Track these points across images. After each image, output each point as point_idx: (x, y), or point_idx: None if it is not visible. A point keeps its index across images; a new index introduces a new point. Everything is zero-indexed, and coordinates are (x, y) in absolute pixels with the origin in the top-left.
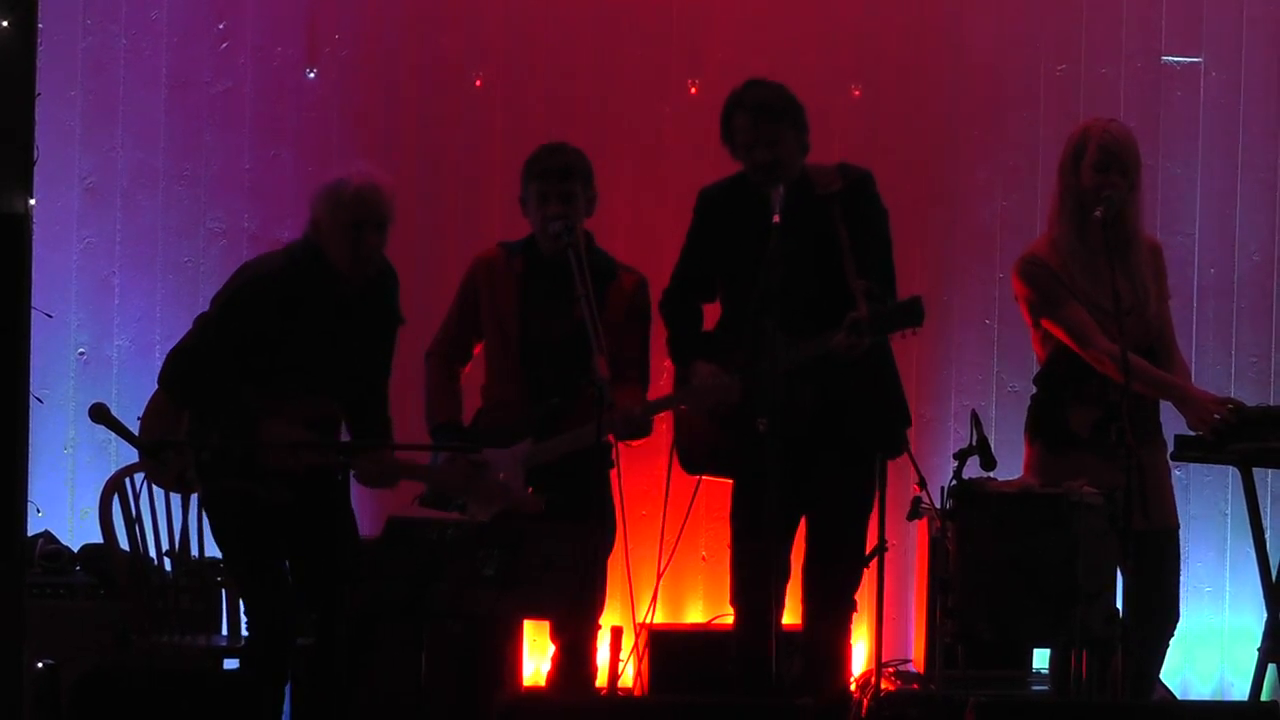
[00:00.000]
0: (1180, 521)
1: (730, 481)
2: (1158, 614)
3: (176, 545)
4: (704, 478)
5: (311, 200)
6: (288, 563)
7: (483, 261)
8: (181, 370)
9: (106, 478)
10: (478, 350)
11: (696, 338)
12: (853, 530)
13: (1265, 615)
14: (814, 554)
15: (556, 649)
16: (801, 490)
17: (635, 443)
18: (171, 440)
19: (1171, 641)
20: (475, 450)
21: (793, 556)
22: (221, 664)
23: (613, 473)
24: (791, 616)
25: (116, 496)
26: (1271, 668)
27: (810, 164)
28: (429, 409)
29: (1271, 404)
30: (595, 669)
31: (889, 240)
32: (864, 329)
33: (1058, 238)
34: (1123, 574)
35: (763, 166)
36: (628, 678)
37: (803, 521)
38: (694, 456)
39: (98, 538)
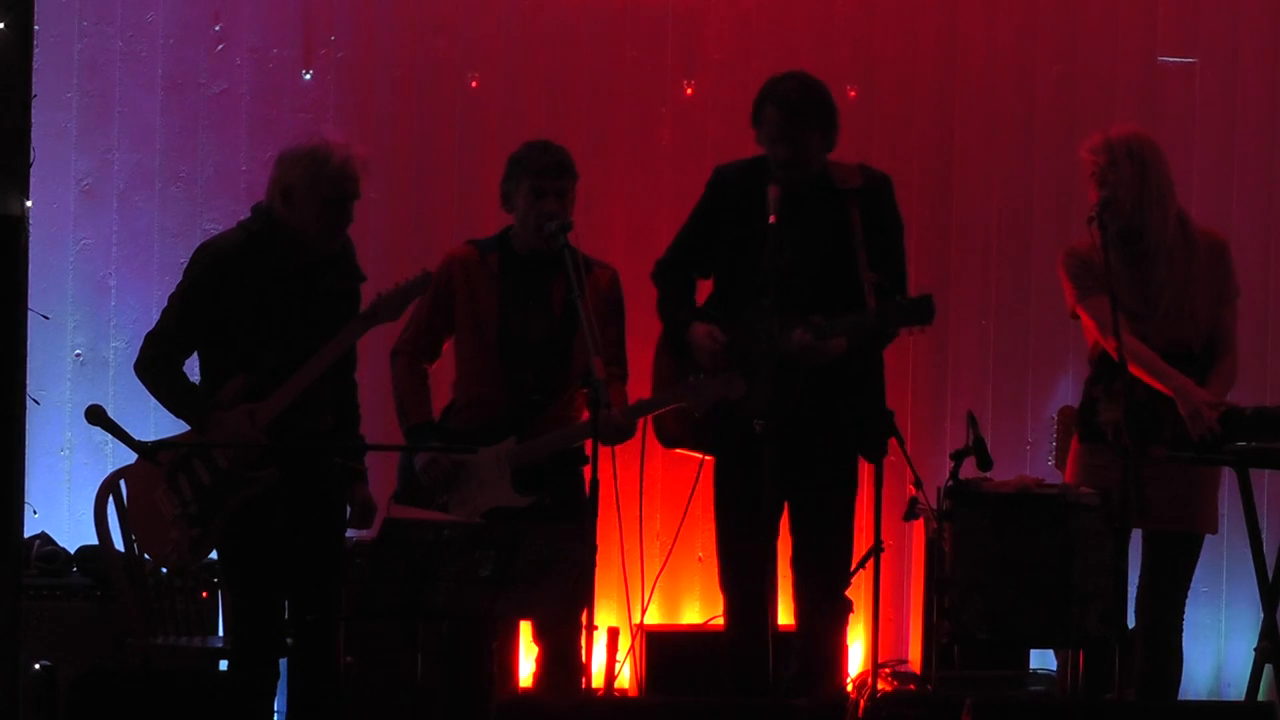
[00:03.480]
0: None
1: (701, 456)
2: (1166, 618)
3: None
4: (699, 477)
5: (280, 163)
6: (280, 562)
7: (457, 259)
8: (146, 355)
9: (103, 479)
10: (446, 347)
11: (690, 305)
12: (839, 521)
13: (1261, 615)
14: (802, 550)
15: (540, 650)
16: (784, 477)
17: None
18: (169, 441)
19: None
20: (470, 450)
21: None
22: (217, 665)
23: (585, 469)
24: (785, 617)
25: (112, 498)
26: (1268, 668)
27: (831, 160)
28: (401, 408)
29: (1268, 405)
30: (582, 668)
31: (903, 249)
32: (870, 321)
33: (1103, 242)
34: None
35: (783, 162)
36: (624, 678)
37: (784, 511)
38: (670, 431)
39: (94, 539)
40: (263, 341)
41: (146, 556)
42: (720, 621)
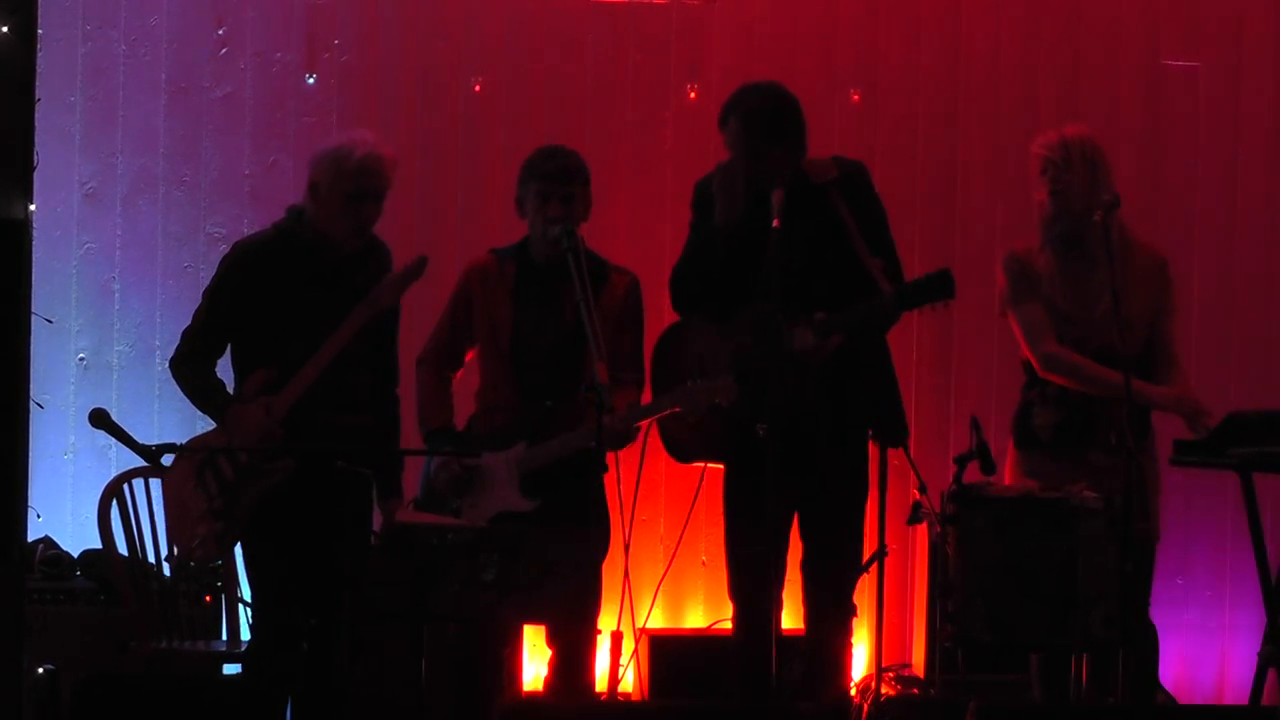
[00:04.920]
0: (1161, 534)
1: (720, 467)
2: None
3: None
4: (703, 481)
5: (311, 163)
6: (296, 564)
7: (476, 269)
8: (179, 351)
9: (106, 483)
10: (469, 356)
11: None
12: (849, 526)
13: (1264, 619)
14: (811, 553)
15: (553, 654)
16: (795, 485)
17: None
18: (175, 444)
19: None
20: (474, 455)
21: (787, 552)
22: (221, 669)
23: (606, 476)
24: (791, 620)
25: (115, 502)
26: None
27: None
28: (421, 414)
29: (1270, 408)
30: (593, 674)
31: (891, 234)
32: (891, 304)
33: (1042, 243)
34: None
35: (747, 174)
36: (627, 683)
37: (795, 517)
38: (682, 444)
39: (97, 543)
40: (288, 337)
41: (176, 551)
42: (724, 625)
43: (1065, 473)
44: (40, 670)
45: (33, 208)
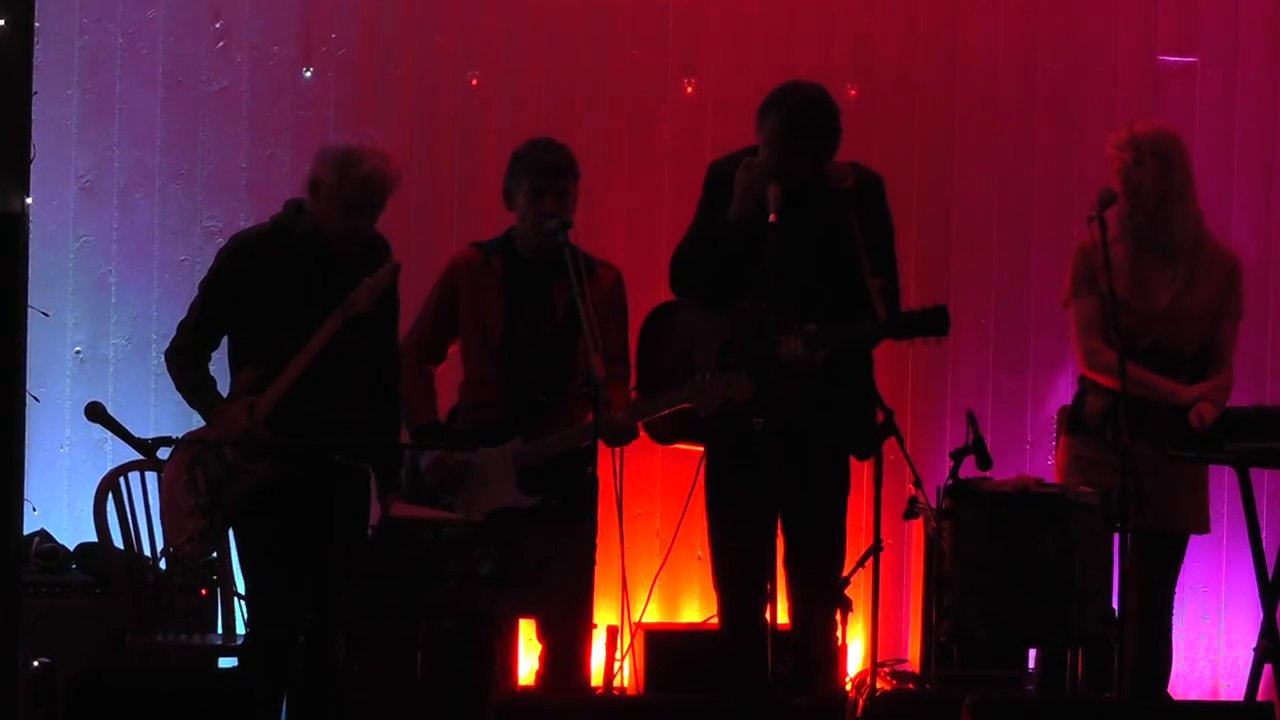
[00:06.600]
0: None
1: (701, 448)
2: (1149, 617)
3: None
4: (699, 476)
5: (318, 156)
6: (290, 558)
7: (461, 262)
8: (173, 344)
9: (102, 476)
10: (452, 350)
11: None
12: (831, 520)
13: (1261, 614)
14: (794, 548)
15: (543, 649)
16: (780, 480)
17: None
18: (170, 438)
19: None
20: (470, 449)
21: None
22: (216, 663)
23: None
24: (781, 615)
25: (111, 495)
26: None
27: None
28: (406, 410)
29: (1266, 404)
30: (588, 668)
31: (894, 251)
32: (882, 331)
33: (1118, 236)
34: (1120, 574)
35: (773, 171)
36: (623, 677)
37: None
38: (662, 426)
39: (93, 536)
40: (280, 333)
41: (172, 549)
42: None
43: (1112, 462)
44: (36, 663)
45: (29, 200)
